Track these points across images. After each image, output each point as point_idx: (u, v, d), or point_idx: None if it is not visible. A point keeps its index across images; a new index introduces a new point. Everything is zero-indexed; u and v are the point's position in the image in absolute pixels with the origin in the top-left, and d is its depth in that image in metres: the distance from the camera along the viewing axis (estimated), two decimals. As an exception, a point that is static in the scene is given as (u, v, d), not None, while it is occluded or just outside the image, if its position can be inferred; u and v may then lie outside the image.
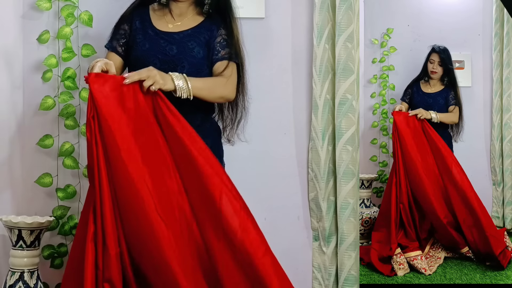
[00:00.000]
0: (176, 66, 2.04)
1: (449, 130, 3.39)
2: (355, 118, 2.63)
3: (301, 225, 2.71)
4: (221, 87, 2.06)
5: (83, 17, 2.50)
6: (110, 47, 2.15)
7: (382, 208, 3.32)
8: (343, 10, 2.60)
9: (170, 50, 2.07)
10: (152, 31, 2.12)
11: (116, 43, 2.15)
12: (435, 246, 3.30)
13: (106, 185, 1.80)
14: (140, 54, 2.09)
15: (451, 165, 3.24)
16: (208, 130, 2.11)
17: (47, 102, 2.48)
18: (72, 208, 2.53)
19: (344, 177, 2.62)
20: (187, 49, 2.07)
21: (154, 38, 2.10)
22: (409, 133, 3.25)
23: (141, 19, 2.15)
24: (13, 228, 2.26)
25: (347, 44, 2.61)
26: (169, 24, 2.13)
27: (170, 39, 2.09)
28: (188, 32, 2.10)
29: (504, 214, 3.38)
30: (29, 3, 2.51)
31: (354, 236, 2.62)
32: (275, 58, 2.67)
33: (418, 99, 3.42)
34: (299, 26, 2.69)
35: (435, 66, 3.40)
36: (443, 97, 3.40)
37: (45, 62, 2.47)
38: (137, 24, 2.14)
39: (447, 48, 3.37)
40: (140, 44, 2.10)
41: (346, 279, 2.62)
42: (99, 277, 1.80)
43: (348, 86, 2.61)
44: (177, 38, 2.09)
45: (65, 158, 2.50)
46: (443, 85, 3.42)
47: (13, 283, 2.26)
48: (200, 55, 2.08)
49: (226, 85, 2.07)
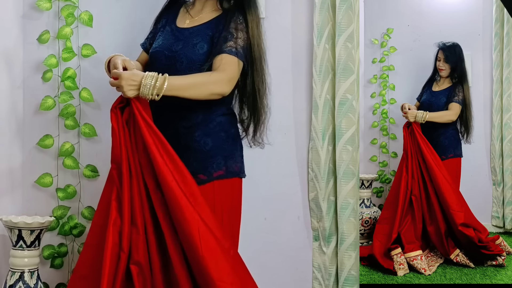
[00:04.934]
0: (176, 61, 2.02)
1: (456, 129, 3.36)
2: (355, 118, 2.63)
3: (301, 225, 2.71)
4: (208, 84, 1.94)
5: (83, 17, 2.50)
6: (142, 45, 2.23)
7: (387, 202, 3.31)
8: (343, 10, 2.60)
9: (176, 46, 2.05)
10: (170, 28, 2.12)
11: (147, 41, 2.22)
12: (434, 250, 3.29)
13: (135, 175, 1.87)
14: (153, 50, 2.11)
15: (433, 171, 3.21)
16: (211, 129, 2.03)
17: (47, 102, 2.48)
18: (72, 208, 2.53)
19: (344, 177, 2.62)
20: (190, 45, 2.03)
21: (168, 34, 2.10)
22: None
23: (168, 18, 2.16)
24: (13, 228, 2.26)
25: (347, 44, 2.61)
26: (187, 20, 2.11)
27: (180, 35, 2.07)
28: (198, 27, 2.07)
29: (504, 214, 3.38)
30: (29, 3, 2.51)
31: (354, 236, 2.62)
32: (275, 58, 2.67)
33: (424, 98, 3.41)
34: (299, 26, 2.69)
35: (441, 63, 3.38)
36: (445, 95, 3.37)
37: (45, 62, 2.47)
38: (163, 22, 2.17)
39: (456, 44, 3.34)
40: (156, 41, 2.12)
41: (346, 279, 2.62)
42: (122, 259, 1.84)
43: (348, 86, 2.61)
44: (186, 34, 2.07)
45: (65, 158, 2.50)
46: (452, 82, 3.40)
47: (13, 283, 2.26)
48: (202, 50, 2.02)
49: (214, 80, 1.94)
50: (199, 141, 2.00)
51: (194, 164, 1.98)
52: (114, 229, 1.85)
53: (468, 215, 3.19)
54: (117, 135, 1.88)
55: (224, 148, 2.04)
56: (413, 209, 3.23)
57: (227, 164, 2.04)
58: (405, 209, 3.22)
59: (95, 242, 1.92)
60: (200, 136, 2.00)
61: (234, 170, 2.06)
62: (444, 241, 3.19)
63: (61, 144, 2.51)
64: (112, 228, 1.85)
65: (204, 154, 2.00)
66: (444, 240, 3.18)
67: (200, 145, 2.00)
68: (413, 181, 3.21)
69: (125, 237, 1.85)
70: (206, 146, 2.00)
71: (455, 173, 3.31)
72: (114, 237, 1.85)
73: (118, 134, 1.88)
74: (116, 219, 1.86)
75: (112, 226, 1.85)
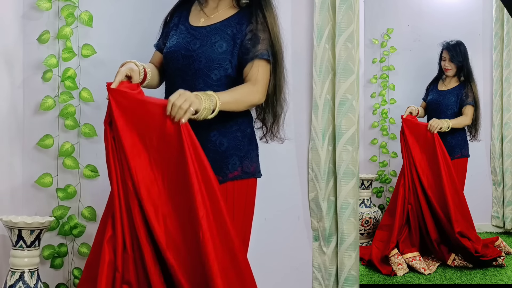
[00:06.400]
0: (194, 61, 1.98)
1: (463, 128, 3.34)
2: (355, 118, 2.63)
3: (301, 225, 2.71)
4: (248, 96, 1.95)
5: (83, 17, 2.49)
6: (156, 46, 2.18)
7: (389, 207, 3.31)
8: (343, 10, 2.60)
9: (193, 44, 2.00)
10: (184, 26, 2.07)
11: (160, 41, 2.16)
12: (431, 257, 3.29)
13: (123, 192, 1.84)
14: (168, 50, 2.06)
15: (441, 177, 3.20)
16: (228, 128, 2.00)
17: (47, 102, 2.48)
18: (72, 208, 2.53)
19: (344, 177, 2.62)
20: (208, 44, 1.99)
21: (183, 33, 2.05)
22: (416, 139, 3.25)
23: (180, 16, 2.12)
24: (13, 228, 2.26)
25: (347, 44, 2.61)
26: (202, 19, 2.07)
27: (196, 33, 2.03)
28: (216, 25, 2.03)
29: (504, 214, 3.38)
30: (29, 3, 2.51)
31: (354, 236, 2.62)
32: (275, 58, 2.67)
33: (431, 98, 3.40)
34: (299, 26, 2.69)
35: (447, 63, 3.37)
36: (454, 95, 3.35)
37: (45, 62, 2.47)
38: (175, 21, 2.12)
39: (460, 42, 3.33)
40: (171, 40, 2.07)
41: (346, 279, 2.62)
42: (117, 279, 1.81)
43: (348, 86, 2.61)
44: (204, 33, 2.02)
45: (65, 158, 2.50)
46: (459, 81, 3.39)
47: (13, 283, 2.26)
48: (222, 49, 1.98)
49: (253, 92, 1.96)
50: (215, 141, 1.98)
51: (210, 164, 1.96)
52: (109, 247, 1.83)
53: (467, 223, 3.18)
54: (111, 156, 1.85)
55: (239, 148, 2.02)
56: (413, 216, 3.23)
57: (243, 164, 2.03)
58: (404, 217, 3.22)
59: (96, 257, 1.88)
60: (216, 136, 1.99)
61: (250, 170, 2.05)
62: (437, 248, 3.19)
63: (61, 144, 2.51)
64: (107, 246, 1.83)
65: (219, 155, 1.99)
66: (436, 247, 3.19)
67: (215, 145, 1.98)
68: (409, 189, 3.21)
69: (119, 256, 1.83)
70: (221, 146, 1.99)
71: (461, 174, 3.31)
72: (110, 255, 1.83)
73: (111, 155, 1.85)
74: (111, 237, 1.84)
75: (106, 243, 1.83)
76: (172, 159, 1.84)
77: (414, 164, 3.22)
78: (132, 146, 1.83)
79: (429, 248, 3.24)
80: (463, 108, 3.33)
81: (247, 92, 1.96)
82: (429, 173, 3.25)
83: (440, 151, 3.20)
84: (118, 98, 1.84)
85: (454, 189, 3.19)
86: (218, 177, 1.96)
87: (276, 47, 2.02)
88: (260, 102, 2.01)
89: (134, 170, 1.82)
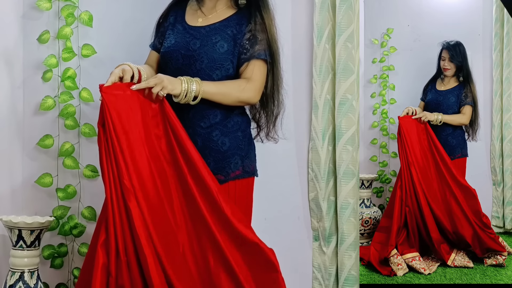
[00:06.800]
0: (195, 61, 1.99)
1: (462, 128, 3.34)
2: (355, 118, 2.63)
3: (301, 225, 2.71)
4: (237, 92, 1.98)
5: (83, 17, 2.49)
6: (152, 46, 2.18)
7: (387, 209, 3.32)
8: (343, 10, 2.60)
9: (193, 44, 2.02)
10: (182, 26, 2.08)
11: (156, 41, 2.16)
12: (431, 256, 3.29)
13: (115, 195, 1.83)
14: (166, 49, 2.06)
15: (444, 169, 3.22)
16: (229, 128, 2.03)
17: (47, 102, 2.48)
18: (72, 208, 2.53)
19: (344, 177, 2.62)
20: (209, 43, 2.00)
21: (181, 33, 2.06)
22: (413, 138, 3.25)
23: (176, 15, 2.12)
24: (13, 228, 2.26)
25: (347, 44, 2.61)
26: (199, 19, 2.08)
27: (196, 33, 2.04)
28: (215, 25, 2.04)
29: (504, 214, 3.38)
30: (29, 3, 2.51)
31: (354, 236, 2.62)
32: (275, 58, 2.67)
33: (430, 97, 3.40)
34: (299, 26, 2.69)
35: (446, 63, 3.37)
36: (454, 95, 3.35)
37: (45, 62, 2.47)
38: (171, 20, 2.12)
39: (459, 43, 3.32)
40: (168, 40, 2.07)
41: (346, 279, 2.62)
42: (111, 283, 1.81)
43: (348, 86, 2.61)
44: (203, 32, 2.03)
45: (65, 158, 2.50)
46: (458, 81, 3.39)
47: (13, 283, 2.26)
48: (223, 49, 2.00)
49: (245, 89, 1.99)
50: (217, 141, 2.00)
51: (212, 164, 1.98)
52: (102, 251, 1.82)
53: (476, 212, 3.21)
54: (104, 158, 1.84)
55: (241, 148, 2.05)
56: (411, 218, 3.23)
57: (244, 163, 2.06)
58: (402, 219, 3.22)
59: (90, 265, 1.87)
60: (218, 136, 2.00)
61: (250, 169, 2.08)
62: (437, 249, 3.19)
63: (61, 144, 2.51)
64: (101, 250, 1.82)
65: (221, 154, 2.01)
66: (436, 247, 3.18)
67: (217, 145, 2.00)
68: (406, 191, 3.21)
69: (112, 260, 1.82)
70: (223, 146, 2.01)
71: (461, 173, 3.31)
72: (104, 259, 1.82)
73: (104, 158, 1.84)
74: (105, 240, 1.83)
75: (100, 247, 1.82)
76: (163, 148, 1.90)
77: (412, 165, 3.22)
78: (128, 142, 1.83)
79: (429, 249, 3.24)
80: (462, 108, 3.34)
81: (237, 86, 1.99)
82: (428, 171, 3.26)
83: (434, 138, 3.23)
84: (111, 97, 1.84)
85: (455, 181, 3.20)
86: (220, 176, 1.99)
87: (274, 47, 2.06)
88: (254, 101, 2.04)
89: (132, 168, 1.82)
